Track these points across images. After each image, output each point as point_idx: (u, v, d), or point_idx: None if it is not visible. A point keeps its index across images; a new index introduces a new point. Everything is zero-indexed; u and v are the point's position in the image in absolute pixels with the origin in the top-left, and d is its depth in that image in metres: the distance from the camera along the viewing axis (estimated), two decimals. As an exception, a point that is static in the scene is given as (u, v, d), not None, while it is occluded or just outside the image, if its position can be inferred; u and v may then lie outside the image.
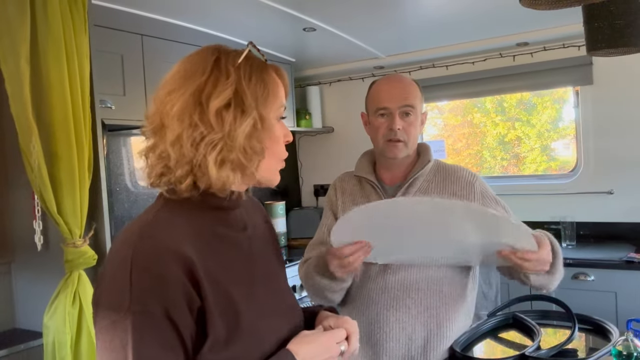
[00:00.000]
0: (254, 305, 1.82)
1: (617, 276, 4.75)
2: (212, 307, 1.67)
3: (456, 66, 6.30)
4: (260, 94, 1.77)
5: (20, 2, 3.16)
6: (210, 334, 1.66)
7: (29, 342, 3.64)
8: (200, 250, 1.70)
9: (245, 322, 1.75)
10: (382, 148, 2.90)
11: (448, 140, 7.51)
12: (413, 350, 2.80)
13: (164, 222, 1.73)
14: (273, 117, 1.83)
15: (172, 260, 1.61)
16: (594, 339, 2.90)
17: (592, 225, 5.70)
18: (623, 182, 5.52)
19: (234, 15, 4.54)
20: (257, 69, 1.81)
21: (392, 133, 2.82)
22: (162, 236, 1.66)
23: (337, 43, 5.57)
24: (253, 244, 1.99)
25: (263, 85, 1.79)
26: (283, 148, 1.91)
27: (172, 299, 1.59)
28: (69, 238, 3.41)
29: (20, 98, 3.18)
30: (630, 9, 2.78)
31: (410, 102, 2.85)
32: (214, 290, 1.68)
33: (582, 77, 5.62)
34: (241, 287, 1.80)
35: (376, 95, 2.92)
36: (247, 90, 1.75)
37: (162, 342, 1.58)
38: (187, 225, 1.75)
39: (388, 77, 3.02)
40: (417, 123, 2.89)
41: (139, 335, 1.54)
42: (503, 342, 2.97)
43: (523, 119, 7.35)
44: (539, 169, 7.06)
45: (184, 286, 1.61)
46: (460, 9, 4.69)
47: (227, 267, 1.80)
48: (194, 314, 1.64)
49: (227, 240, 1.87)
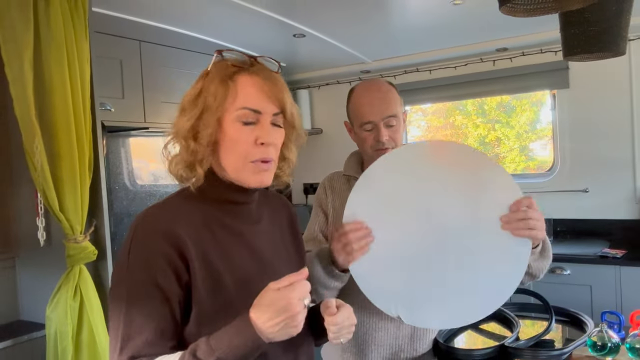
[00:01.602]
0: (246, 289, 1.81)
1: (592, 270, 4.77)
2: (200, 283, 1.76)
3: (439, 70, 6.29)
4: (220, 96, 1.83)
5: (24, 9, 3.16)
6: (195, 306, 1.76)
7: (32, 333, 3.65)
8: (201, 233, 1.82)
9: (231, 302, 1.80)
10: (370, 156, 2.80)
11: (431, 141, 7.50)
12: (400, 339, 2.79)
13: (169, 206, 1.90)
14: (229, 119, 1.84)
15: (163, 238, 1.74)
16: (570, 330, 2.91)
17: (568, 222, 5.72)
18: (598, 181, 5.54)
19: (228, 22, 4.54)
20: (222, 73, 1.88)
21: (380, 144, 2.75)
22: (160, 218, 1.81)
23: (325, 49, 5.57)
24: (263, 238, 2.02)
25: (222, 86, 1.84)
26: (246, 148, 1.85)
27: (160, 269, 1.72)
28: (71, 234, 3.41)
29: (24, 101, 3.17)
30: (605, 16, 2.79)
31: (393, 112, 2.76)
32: (204, 269, 1.78)
33: (559, 81, 5.64)
34: (235, 273, 1.85)
35: (358, 110, 2.83)
36: (205, 90, 1.85)
37: (149, 309, 1.71)
38: (196, 212, 1.88)
39: (365, 86, 2.90)
40: (400, 128, 2.82)
41: (130, 301, 1.71)
42: (484, 333, 2.97)
43: (503, 120, 7.38)
44: (518, 169, 7.08)
45: (172, 260, 1.73)
46: (442, 16, 4.69)
47: (225, 254, 1.86)
48: (182, 286, 1.76)
49: (233, 232, 1.93)
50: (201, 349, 1.64)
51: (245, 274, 1.88)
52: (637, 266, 4.60)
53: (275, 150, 1.90)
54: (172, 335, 1.75)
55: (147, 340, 1.69)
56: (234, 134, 1.83)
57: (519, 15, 2.39)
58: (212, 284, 1.78)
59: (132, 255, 1.75)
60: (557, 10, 2.37)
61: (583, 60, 3.10)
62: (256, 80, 1.85)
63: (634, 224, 5.40)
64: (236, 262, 1.88)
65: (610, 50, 2.86)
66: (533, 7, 2.37)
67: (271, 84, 1.86)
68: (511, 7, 2.35)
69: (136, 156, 4.80)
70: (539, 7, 2.36)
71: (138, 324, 1.69)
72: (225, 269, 1.82)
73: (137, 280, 1.72)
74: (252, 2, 4.13)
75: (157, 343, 1.70)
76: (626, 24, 2.86)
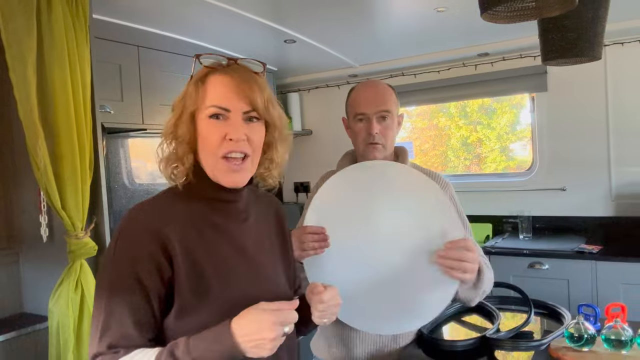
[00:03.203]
0: (228, 287, 1.85)
1: (569, 265, 4.79)
2: (183, 278, 1.77)
3: (423, 74, 6.32)
4: (193, 96, 1.88)
5: (28, 16, 3.15)
6: (177, 300, 1.78)
7: (35, 325, 3.65)
8: (185, 231, 1.83)
9: (214, 297, 1.81)
10: (362, 151, 2.85)
11: (416, 142, 7.53)
12: (384, 336, 2.79)
13: (156, 204, 1.91)
14: (201, 117, 1.87)
15: (147, 236, 1.77)
16: (549, 322, 2.91)
17: (546, 219, 5.75)
18: (575, 180, 5.58)
19: (221, 28, 4.54)
20: (197, 75, 1.93)
21: (371, 137, 2.77)
22: (145, 217, 1.83)
23: (315, 54, 5.58)
24: (250, 236, 2.02)
25: (195, 88, 1.90)
26: (215, 144, 1.86)
27: (143, 265, 1.74)
28: (72, 230, 3.41)
29: (27, 103, 3.17)
30: (581, 23, 2.80)
31: (386, 107, 2.80)
32: (188, 264, 1.79)
33: (538, 84, 5.66)
34: (218, 269, 1.85)
35: (354, 102, 2.88)
36: (185, 92, 1.92)
37: (130, 303, 1.73)
38: (183, 210, 1.89)
39: (365, 83, 2.96)
40: (393, 126, 2.84)
41: (112, 292, 1.73)
42: (466, 325, 2.98)
43: (484, 122, 7.38)
44: (499, 168, 7.08)
45: (156, 256, 1.75)
46: (426, 23, 4.71)
47: (211, 251, 1.87)
48: (165, 281, 1.77)
49: (219, 230, 1.93)
50: (179, 348, 1.66)
51: (229, 271, 1.89)
52: (612, 261, 4.62)
53: (250, 146, 1.89)
54: (150, 328, 1.77)
55: (126, 332, 1.72)
56: (204, 130, 1.86)
57: (499, 22, 2.40)
58: (196, 279, 1.80)
59: (117, 249, 1.78)
60: (536, 17, 2.37)
61: (561, 65, 3.11)
62: (226, 79, 1.87)
63: (609, 221, 5.43)
64: (221, 259, 1.88)
65: (587, 55, 2.87)
66: (513, 14, 2.38)
67: (243, 82, 1.87)
68: (492, 14, 2.36)
69: (134, 156, 4.79)
70: (519, 14, 2.37)
71: (118, 315, 1.72)
72: (208, 264, 1.84)
73: (120, 274, 1.75)
74: (246, 10, 4.13)
75: (135, 335, 1.73)
76: (602, 30, 2.87)
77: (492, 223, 5.94)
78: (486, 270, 2.60)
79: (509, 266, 5.03)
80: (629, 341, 2.33)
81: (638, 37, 5.11)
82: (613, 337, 2.34)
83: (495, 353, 2.53)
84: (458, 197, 2.90)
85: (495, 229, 5.97)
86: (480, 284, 2.56)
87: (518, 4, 2.35)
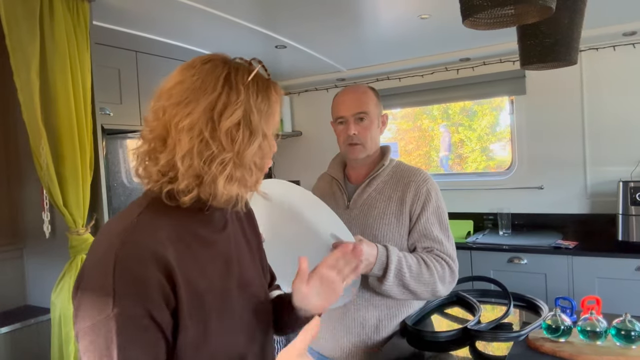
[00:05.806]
0: (226, 313, 1.69)
1: (547, 260, 4.80)
2: (186, 310, 1.53)
3: (408, 78, 6.34)
4: (265, 113, 1.64)
5: (31, 22, 3.15)
6: (181, 334, 1.53)
7: (38, 317, 3.68)
8: (180, 252, 1.57)
9: (214, 330, 1.63)
10: (344, 151, 2.92)
11: (400, 143, 7.54)
12: (367, 328, 2.82)
13: (145, 225, 1.55)
14: (272, 135, 1.68)
15: (152, 264, 1.46)
16: (527, 314, 2.92)
17: (525, 216, 5.77)
18: (552, 179, 5.61)
19: (216, 34, 4.53)
20: (263, 88, 1.67)
21: (350, 138, 2.84)
22: (143, 241, 1.49)
23: (304, 58, 5.57)
24: (232, 242, 1.84)
25: (268, 105, 1.66)
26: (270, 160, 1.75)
27: (153, 300, 1.45)
28: (73, 227, 3.40)
29: (31, 106, 3.16)
30: (558, 29, 2.80)
31: (363, 109, 2.84)
32: (190, 294, 1.55)
33: (517, 88, 5.68)
34: (216, 294, 1.66)
35: (335, 106, 2.95)
36: (254, 109, 1.61)
37: (146, 341, 1.45)
38: (169, 227, 1.59)
39: (345, 88, 3.00)
40: (372, 126, 2.87)
41: (123, 336, 1.40)
42: (448, 317, 2.98)
43: (465, 124, 7.40)
44: (479, 168, 7.10)
45: (164, 287, 1.47)
46: (410, 29, 4.70)
47: (204, 272, 1.64)
48: (171, 313, 1.51)
49: (207, 243, 1.71)
50: None
51: (224, 298, 1.70)
52: (587, 256, 4.65)
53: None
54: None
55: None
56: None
57: (480, 28, 2.40)
58: (196, 308, 1.57)
59: (118, 286, 1.41)
60: (515, 24, 2.37)
61: (538, 69, 3.11)
62: None
63: (584, 218, 5.46)
64: (214, 278, 1.67)
65: (563, 60, 2.87)
66: (493, 21, 2.37)
67: None
68: (473, 21, 2.36)
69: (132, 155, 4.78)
70: (499, 20, 2.37)
71: (134, 356, 1.42)
72: (207, 292, 1.62)
73: (128, 315, 1.41)
74: (239, 17, 4.13)
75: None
76: (578, 36, 2.88)
77: (473, 220, 5.93)
78: (418, 270, 2.64)
79: (489, 261, 5.06)
80: (604, 332, 2.34)
81: (612, 42, 5.13)
82: (588, 328, 2.35)
83: (476, 344, 2.53)
84: (440, 194, 2.90)
85: (476, 225, 5.97)
86: (385, 280, 2.58)
87: (498, 11, 2.35)
